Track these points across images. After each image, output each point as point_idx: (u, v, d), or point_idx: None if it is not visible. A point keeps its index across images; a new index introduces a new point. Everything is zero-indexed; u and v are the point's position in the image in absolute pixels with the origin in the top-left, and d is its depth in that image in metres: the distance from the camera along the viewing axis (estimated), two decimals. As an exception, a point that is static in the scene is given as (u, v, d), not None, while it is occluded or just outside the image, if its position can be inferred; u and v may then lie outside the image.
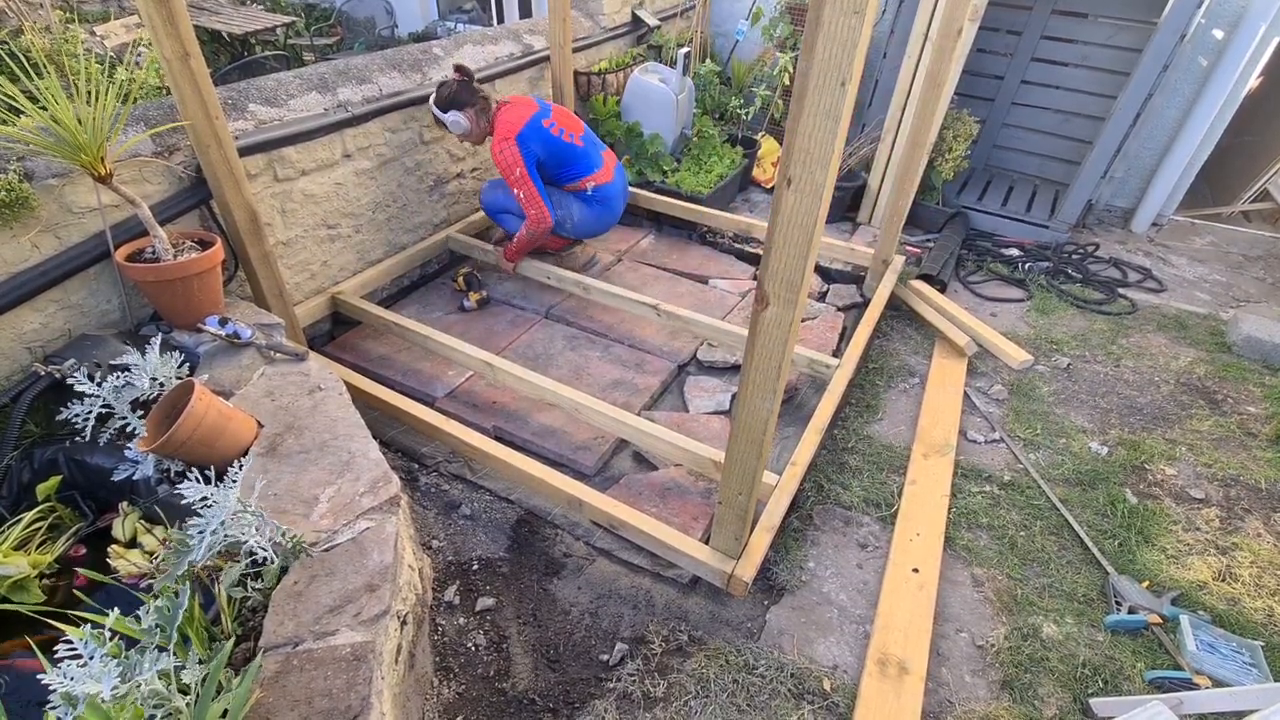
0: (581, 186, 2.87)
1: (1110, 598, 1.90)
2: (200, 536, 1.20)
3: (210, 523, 1.20)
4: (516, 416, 2.44)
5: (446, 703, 1.62)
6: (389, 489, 1.51)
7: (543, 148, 2.71)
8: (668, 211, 3.57)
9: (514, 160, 2.64)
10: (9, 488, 1.60)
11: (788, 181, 1.12)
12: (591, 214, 2.94)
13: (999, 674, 1.73)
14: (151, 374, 1.62)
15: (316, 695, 1.11)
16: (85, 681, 0.96)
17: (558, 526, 2.10)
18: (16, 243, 1.73)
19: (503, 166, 2.65)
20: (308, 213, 2.55)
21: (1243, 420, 2.59)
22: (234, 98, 2.28)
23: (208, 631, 1.21)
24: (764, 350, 1.35)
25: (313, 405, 1.74)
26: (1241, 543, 2.09)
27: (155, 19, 1.69)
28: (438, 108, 2.69)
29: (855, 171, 3.84)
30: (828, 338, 2.90)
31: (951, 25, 2.48)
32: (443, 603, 1.85)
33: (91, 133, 1.62)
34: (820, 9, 0.95)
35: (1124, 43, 3.67)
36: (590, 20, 3.84)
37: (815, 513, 2.16)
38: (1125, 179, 4.13)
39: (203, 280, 1.90)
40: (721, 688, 1.66)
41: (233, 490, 1.25)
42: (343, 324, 2.87)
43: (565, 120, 2.82)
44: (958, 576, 1.98)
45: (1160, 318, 3.23)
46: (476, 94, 2.71)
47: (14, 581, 1.38)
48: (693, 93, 3.97)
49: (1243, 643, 1.74)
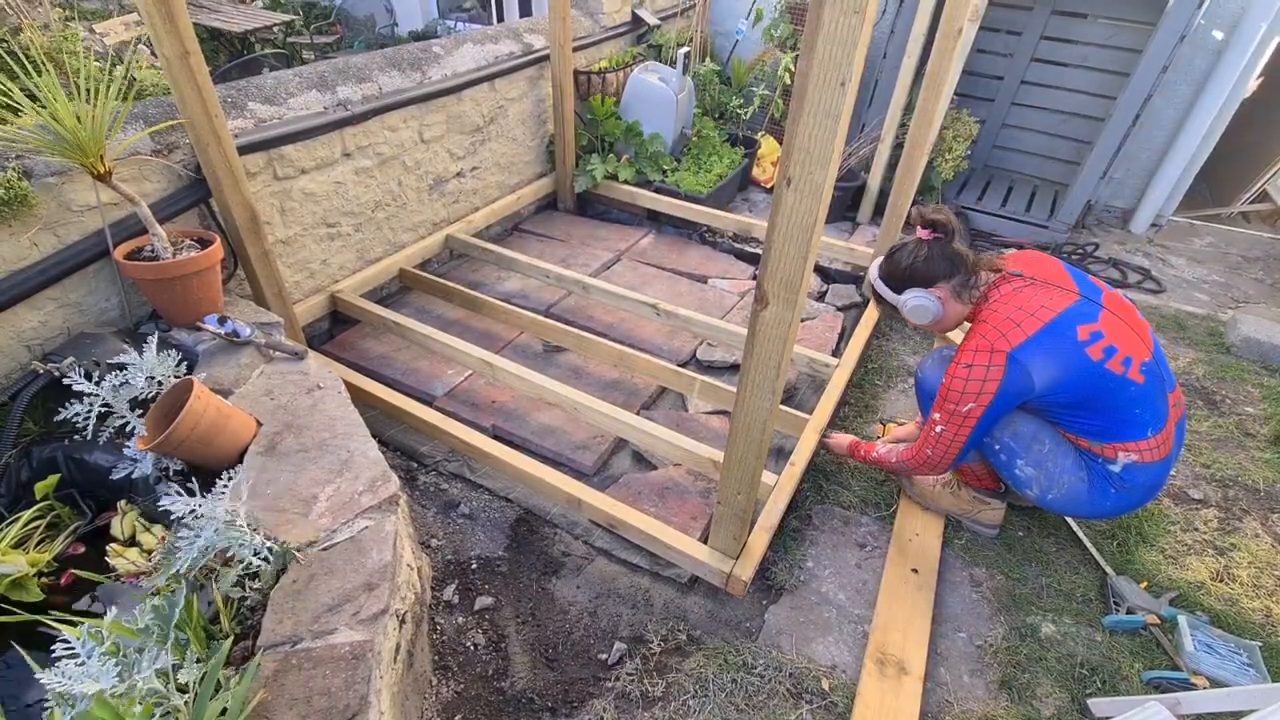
0: (1107, 453, 1.69)
1: (1108, 598, 1.90)
2: (188, 549, 1.19)
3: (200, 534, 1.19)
4: (515, 415, 2.44)
5: (445, 702, 1.62)
6: (388, 488, 1.51)
7: (1056, 374, 1.59)
8: (667, 211, 3.57)
9: (979, 390, 1.62)
10: (7, 486, 1.60)
11: (787, 181, 1.12)
12: (1090, 496, 1.74)
13: (997, 674, 1.73)
14: (148, 373, 1.62)
15: (315, 694, 1.11)
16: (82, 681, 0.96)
17: (557, 526, 2.10)
18: (15, 241, 1.72)
19: (953, 386, 1.66)
20: (307, 211, 2.54)
21: (1241, 421, 2.59)
22: (233, 96, 2.28)
23: (206, 630, 1.20)
24: (763, 350, 1.35)
25: (312, 404, 1.74)
26: (1239, 543, 2.09)
27: (154, 17, 1.69)
28: (886, 282, 1.80)
29: (855, 171, 3.84)
30: (827, 337, 2.90)
31: (951, 25, 2.48)
32: (441, 602, 1.85)
33: (90, 131, 1.62)
34: (820, 9, 0.95)
35: (1123, 43, 3.67)
36: (590, 19, 3.84)
37: (814, 512, 2.16)
38: (1124, 179, 4.13)
39: (202, 278, 1.90)
40: (720, 687, 1.67)
41: (221, 501, 1.24)
42: (342, 323, 2.86)
43: (1120, 332, 1.61)
44: (956, 576, 1.98)
45: (1159, 318, 3.23)
46: (959, 262, 1.71)
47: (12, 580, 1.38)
48: (692, 92, 3.97)
49: (1240, 643, 1.75)
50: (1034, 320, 1.60)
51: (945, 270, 1.71)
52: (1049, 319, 1.60)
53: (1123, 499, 1.73)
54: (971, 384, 1.63)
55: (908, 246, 1.76)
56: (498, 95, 3.26)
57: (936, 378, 1.95)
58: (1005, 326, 1.61)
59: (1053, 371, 1.59)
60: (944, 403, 1.70)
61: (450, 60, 3.01)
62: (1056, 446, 1.75)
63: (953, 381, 1.66)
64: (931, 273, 1.72)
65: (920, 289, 1.74)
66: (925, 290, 1.74)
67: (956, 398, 1.66)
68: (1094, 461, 1.72)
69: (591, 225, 3.75)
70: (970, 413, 1.66)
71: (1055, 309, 1.61)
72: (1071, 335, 1.58)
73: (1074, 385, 1.61)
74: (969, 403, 1.65)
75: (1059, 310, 1.61)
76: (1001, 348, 1.59)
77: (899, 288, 1.77)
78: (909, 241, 1.77)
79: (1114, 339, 1.59)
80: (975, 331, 1.66)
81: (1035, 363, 1.58)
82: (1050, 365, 1.59)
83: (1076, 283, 1.69)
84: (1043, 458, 1.76)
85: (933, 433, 1.76)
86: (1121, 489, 1.71)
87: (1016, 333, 1.59)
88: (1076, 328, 1.59)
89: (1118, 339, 1.60)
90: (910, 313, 1.77)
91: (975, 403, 1.64)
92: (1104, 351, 1.58)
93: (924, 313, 1.75)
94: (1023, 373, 1.59)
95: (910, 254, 1.75)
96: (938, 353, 2.04)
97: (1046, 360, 1.58)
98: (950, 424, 1.70)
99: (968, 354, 1.64)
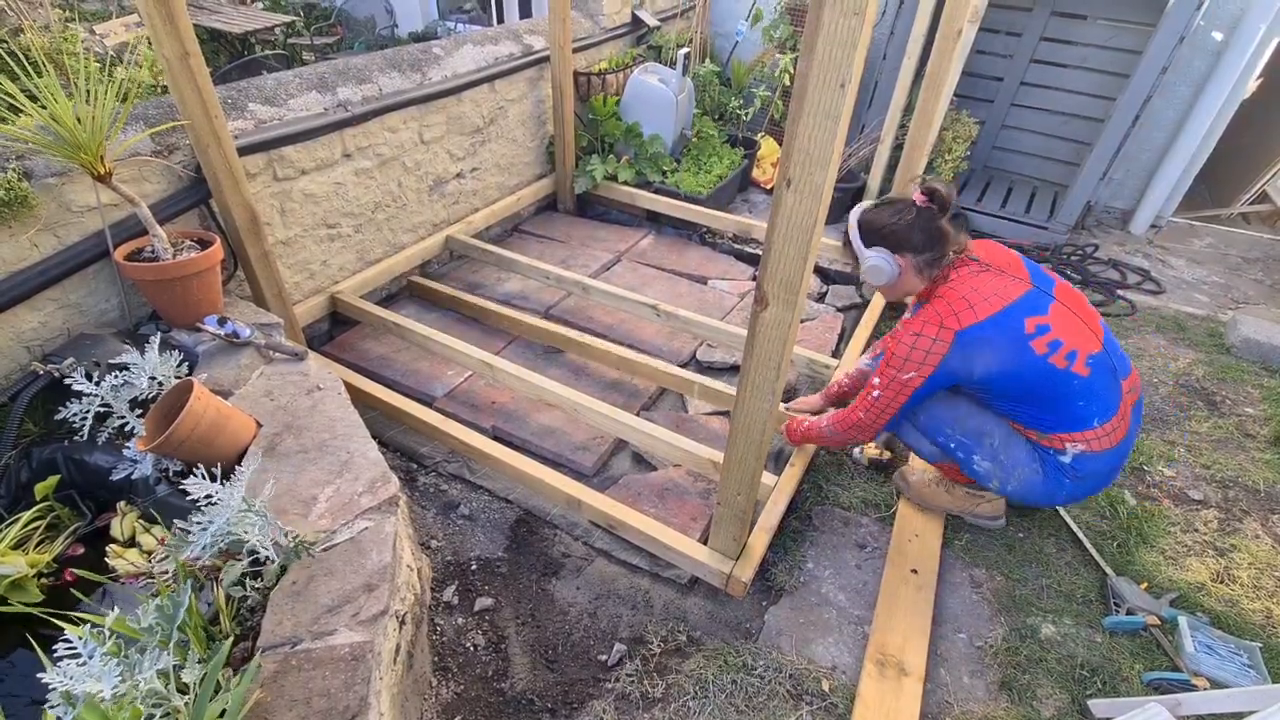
0: (1055, 444, 1.73)
1: (1109, 599, 1.90)
2: (201, 533, 1.19)
3: (214, 520, 1.20)
4: (515, 416, 2.44)
5: (445, 703, 1.62)
6: (388, 489, 1.50)
7: (998, 365, 1.63)
8: (667, 212, 3.58)
9: (922, 360, 1.66)
10: (7, 487, 1.60)
11: (787, 182, 1.12)
12: (1045, 486, 1.79)
13: (997, 675, 1.73)
14: (150, 373, 1.62)
15: (315, 695, 1.11)
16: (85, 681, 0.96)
17: (556, 526, 2.10)
18: (15, 241, 1.73)
19: (897, 351, 1.69)
20: (307, 212, 2.55)
21: (1241, 422, 2.59)
22: (233, 97, 2.28)
23: (206, 631, 1.20)
24: (763, 350, 1.35)
25: (311, 405, 1.74)
26: (1240, 544, 2.09)
27: (155, 18, 1.69)
28: (860, 230, 1.79)
29: (855, 172, 3.84)
30: (827, 339, 2.90)
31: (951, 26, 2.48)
32: (441, 603, 1.85)
33: (90, 131, 1.62)
34: (820, 10, 0.95)
35: (1123, 44, 3.67)
36: (590, 20, 3.84)
37: (814, 513, 2.16)
38: (1124, 180, 4.14)
39: (202, 279, 1.90)
40: (720, 688, 1.66)
41: (238, 489, 1.25)
42: (341, 324, 2.87)
43: (1068, 326, 1.65)
44: (956, 577, 1.98)
45: (1159, 319, 3.23)
46: (937, 239, 1.70)
47: (12, 581, 1.38)
48: (692, 93, 3.98)
49: (1241, 644, 1.75)
50: (986, 306, 1.63)
51: (919, 243, 1.71)
52: (1000, 307, 1.62)
53: (1078, 487, 1.78)
54: (916, 352, 1.66)
55: (897, 205, 1.75)
56: (498, 96, 3.27)
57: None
58: (959, 306, 1.64)
59: (993, 364, 1.63)
60: (886, 368, 1.73)
61: (450, 61, 3.01)
62: (1007, 439, 1.80)
63: (898, 347, 1.69)
64: (905, 241, 1.72)
65: (887, 251, 1.74)
66: (891, 254, 1.74)
67: (899, 364, 1.69)
68: (1045, 453, 1.77)
69: (591, 226, 3.75)
70: (910, 381, 1.70)
71: (1007, 298, 1.64)
72: (1019, 328, 1.62)
73: (1016, 379, 1.65)
74: (911, 370, 1.68)
75: (1010, 300, 1.64)
76: (951, 325, 1.63)
77: (869, 241, 1.78)
78: (900, 201, 1.75)
79: (1060, 332, 1.63)
80: (930, 306, 1.68)
81: (978, 350, 1.63)
82: (992, 358, 1.63)
83: (1030, 273, 1.72)
84: (995, 451, 1.81)
85: (869, 396, 1.79)
86: (1075, 478, 1.76)
87: (969, 314, 1.62)
88: (1024, 319, 1.62)
89: (1064, 332, 1.63)
90: (867, 271, 1.79)
91: (916, 372, 1.68)
92: (1049, 345, 1.61)
93: (879, 274, 1.76)
94: (962, 356, 1.64)
95: (896, 214, 1.74)
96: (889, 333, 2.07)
97: (989, 351, 1.63)
98: (889, 390, 1.74)
99: (918, 323, 1.67)
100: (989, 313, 1.62)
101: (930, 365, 1.66)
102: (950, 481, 2.09)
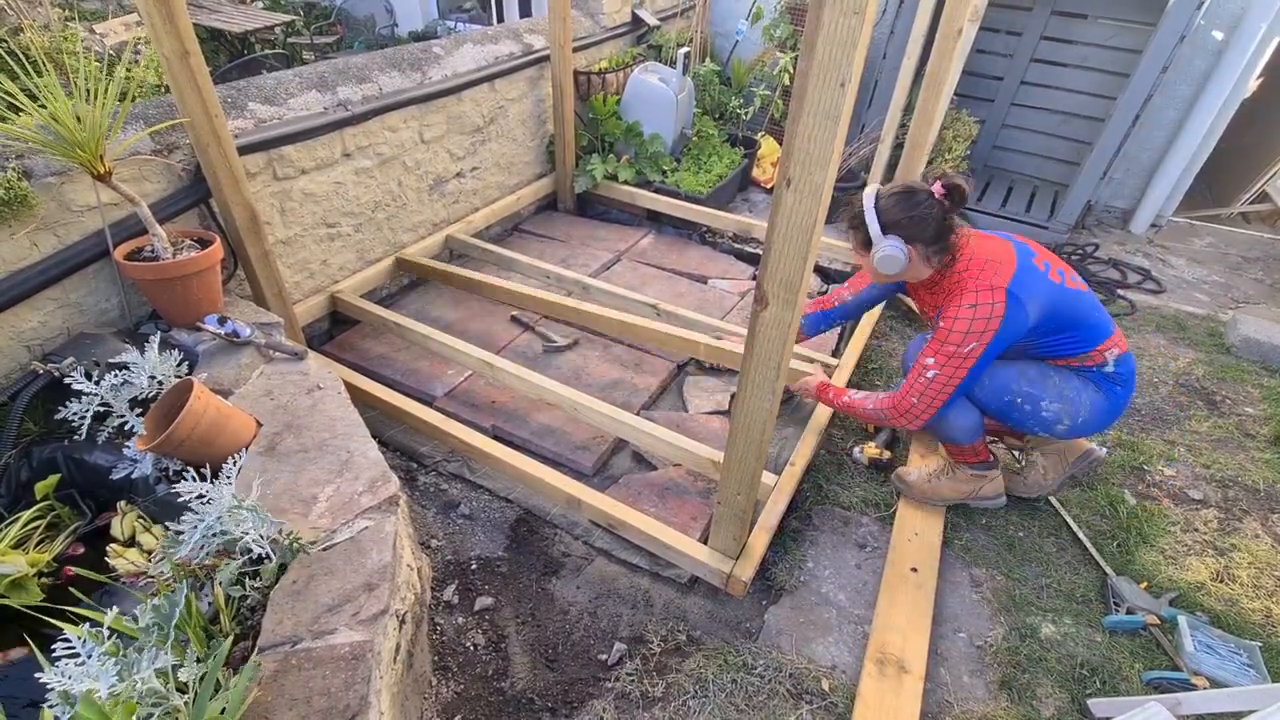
0: (1097, 359, 1.82)
1: (1108, 598, 1.90)
2: (192, 532, 1.19)
3: (204, 518, 1.20)
4: (515, 416, 2.44)
5: (445, 702, 1.62)
6: (388, 488, 1.50)
7: (1042, 304, 1.70)
8: (667, 211, 3.57)
9: (984, 329, 1.67)
10: (7, 486, 1.60)
11: (787, 182, 1.12)
12: (1107, 403, 1.85)
13: (997, 674, 1.73)
14: (150, 372, 1.62)
15: (315, 694, 1.11)
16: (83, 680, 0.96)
17: (556, 526, 2.10)
18: (15, 241, 1.72)
19: (955, 327, 1.69)
20: (307, 211, 2.55)
21: (1241, 421, 2.59)
22: (233, 96, 2.28)
23: (205, 630, 1.20)
24: (763, 350, 1.35)
25: (311, 404, 1.74)
26: (1239, 544, 2.09)
27: (154, 17, 1.69)
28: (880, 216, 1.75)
29: (855, 172, 3.84)
30: (827, 338, 2.90)
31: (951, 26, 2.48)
32: (441, 602, 1.85)
33: (90, 131, 1.62)
34: (820, 10, 0.95)
35: (1123, 44, 3.67)
36: (590, 20, 3.84)
37: (814, 513, 2.16)
38: (1124, 180, 4.13)
39: (202, 279, 1.90)
40: (720, 687, 1.67)
41: (228, 486, 1.25)
42: (341, 323, 2.87)
43: (1052, 257, 1.80)
44: (956, 576, 1.98)
45: (1159, 319, 3.23)
46: (947, 231, 1.73)
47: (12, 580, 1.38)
48: (693, 92, 3.97)
49: (1240, 643, 1.75)
50: (1007, 259, 1.71)
51: (931, 234, 1.73)
52: (1014, 255, 1.72)
53: (1126, 390, 1.88)
54: (977, 322, 1.67)
55: (918, 195, 1.72)
56: (498, 95, 3.26)
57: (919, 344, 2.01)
58: (992, 267, 1.69)
59: (1038, 301, 1.70)
60: (942, 345, 1.72)
61: (450, 61, 3.01)
62: (1060, 376, 1.86)
63: (955, 323, 1.69)
64: (921, 233, 1.72)
65: (901, 240, 1.73)
66: (904, 243, 1.73)
67: (959, 339, 1.70)
68: (1092, 372, 1.85)
69: (591, 226, 3.75)
70: (971, 352, 1.70)
71: (1011, 249, 1.74)
72: (1035, 268, 1.71)
73: (1054, 312, 1.73)
74: (971, 342, 1.69)
75: (1014, 250, 1.74)
76: (999, 284, 1.67)
77: (885, 228, 1.75)
78: (920, 192, 1.72)
79: (1054, 263, 1.76)
80: (966, 277, 1.72)
81: (1026, 294, 1.68)
82: (1035, 295, 1.69)
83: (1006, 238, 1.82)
84: (1061, 389, 1.85)
85: (923, 378, 1.77)
86: (1122, 382, 1.86)
87: (1004, 268, 1.69)
88: (1031, 259, 1.73)
89: (1053, 262, 1.77)
90: (880, 260, 1.76)
91: (978, 341, 1.68)
92: (1058, 274, 1.75)
93: (892, 263, 1.74)
94: (1020, 306, 1.67)
95: (915, 206, 1.71)
96: (922, 337, 2.13)
97: (1031, 291, 1.69)
98: (947, 366, 1.73)
99: (970, 294, 1.68)
100: (1012, 264, 1.69)
101: (991, 330, 1.67)
102: (952, 465, 2.11)
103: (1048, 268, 1.73)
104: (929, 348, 1.77)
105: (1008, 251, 1.73)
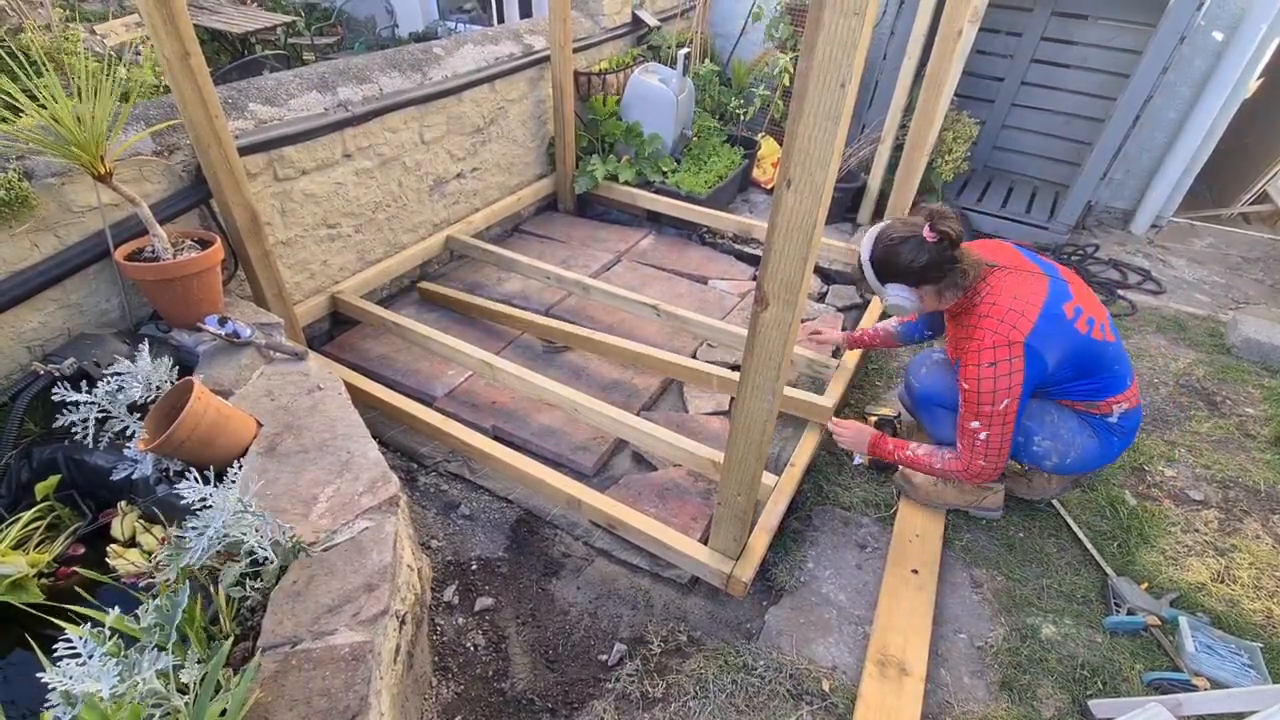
0: (1104, 409, 1.85)
1: (1109, 599, 1.90)
2: (198, 539, 1.19)
3: (209, 525, 1.20)
4: (516, 416, 2.44)
5: (445, 703, 1.62)
6: (388, 489, 1.50)
7: (1061, 355, 1.69)
8: (667, 212, 3.57)
9: (1009, 385, 1.67)
10: (8, 487, 1.60)
11: (787, 182, 1.12)
12: (1100, 450, 1.89)
13: (998, 675, 1.73)
14: (144, 380, 1.62)
15: (315, 695, 1.11)
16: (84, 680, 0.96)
17: (557, 526, 2.10)
18: (16, 241, 1.73)
19: (982, 389, 1.69)
20: (308, 212, 2.55)
21: (1241, 422, 2.59)
22: (234, 97, 2.28)
23: (206, 631, 1.20)
24: (763, 351, 1.35)
25: (312, 405, 1.74)
26: (1240, 544, 2.09)
27: (155, 18, 1.69)
28: (875, 270, 1.79)
29: (855, 172, 3.84)
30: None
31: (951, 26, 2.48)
32: (442, 603, 1.85)
33: (91, 131, 1.62)
34: (820, 10, 0.95)
35: (1123, 44, 3.67)
36: (590, 20, 3.84)
37: (814, 513, 2.16)
38: (1124, 180, 4.13)
39: (202, 279, 1.90)
40: (720, 688, 1.66)
41: (232, 491, 1.25)
42: (342, 323, 2.87)
43: (1088, 300, 1.76)
44: (957, 577, 1.98)
45: (1159, 319, 3.23)
46: (950, 265, 1.72)
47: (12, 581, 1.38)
48: (693, 93, 3.98)
49: (1241, 644, 1.74)
50: (1031, 307, 1.68)
51: (936, 276, 1.74)
52: (1041, 302, 1.68)
53: (1124, 442, 1.92)
54: (1000, 380, 1.67)
55: (909, 244, 1.72)
56: (498, 96, 3.27)
57: (935, 385, 2.03)
58: (1011, 318, 1.67)
59: (1058, 352, 1.69)
60: (978, 407, 1.73)
61: (450, 61, 3.01)
62: (1060, 414, 1.89)
63: (980, 385, 1.70)
64: (923, 276, 1.74)
65: (905, 286, 1.77)
66: (910, 288, 1.77)
67: (990, 399, 1.70)
68: (1093, 419, 1.88)
69: (592, 226, 3.75)
70: (1008, 409, 1.71)
71: (1041, 293, 1.70)
72: (1061, 315, 1.69)
73: (1073, 360, 1.72)
74: (1004, 399, 1.69)
75: (1044, 293, 1.70)
76: (1017, 338, 1.65)
77: (884, 279, 1.79)
78: (911, 238, 1.72)
79: (1088, 309, 1.73)
80: (983, 328, 1.70)
81: (1045, 346, 1.67)
82: (1055, 347, 1.68)
83: (1037, 264, 1.80)
84: (1055, 428, 1.88)
85: (978, 441, 1.77)
86: (1122, 434, 1.89)
87: (1023, 321, 1.66)
88: (1062, 306, 1.70)
89: (1089, 308, 1.74)
90: (889, 307, 1.83)
91: (1010, 397, 1.69)
92: (1086, 323, 1.72)
93: (901, 310, 1.81)
94: (1038, 358, 1.67)
95: (910, 253, 1.72)
96: (926, 356, 2.13)
97: (1052, 343, 1.68)
98: (993, 426, 1.74)
99: (987, 352, 1.68)
100: (1037, 311, 1.67)
101: (1017, 384, 1.68)
102: None
103: (1078, 314, 1.70)
104: (966, 412, 1.77)
105: (1038, 295, 1.69)
